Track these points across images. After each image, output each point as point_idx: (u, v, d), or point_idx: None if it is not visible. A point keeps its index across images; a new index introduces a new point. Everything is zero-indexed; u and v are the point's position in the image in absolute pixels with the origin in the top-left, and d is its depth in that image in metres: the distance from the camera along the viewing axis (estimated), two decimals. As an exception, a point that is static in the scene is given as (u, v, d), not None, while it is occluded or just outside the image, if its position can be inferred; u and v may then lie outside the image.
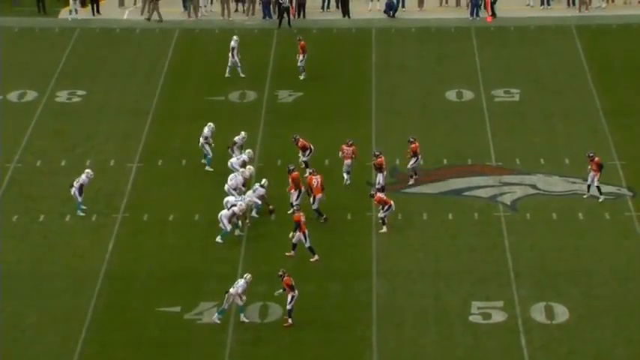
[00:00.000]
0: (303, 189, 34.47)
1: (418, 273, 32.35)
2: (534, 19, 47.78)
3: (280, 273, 30.08)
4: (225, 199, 34.06)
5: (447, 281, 31.92)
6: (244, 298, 30.14)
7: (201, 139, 37.05)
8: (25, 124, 40.52)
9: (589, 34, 46.46)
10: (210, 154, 36.98)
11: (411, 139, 36.32)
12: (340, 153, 36.19)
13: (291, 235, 33.05)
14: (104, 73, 44.35)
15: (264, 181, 34.76)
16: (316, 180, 34.31)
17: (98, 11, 48.57)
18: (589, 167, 35.09)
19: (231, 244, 33.63)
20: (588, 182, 35.17)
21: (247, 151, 36.47)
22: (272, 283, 31.23)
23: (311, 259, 32.70)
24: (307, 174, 35.16)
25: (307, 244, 32.70)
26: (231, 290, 30.07)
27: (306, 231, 32.66)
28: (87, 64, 45.12)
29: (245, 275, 30.38)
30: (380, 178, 35.50)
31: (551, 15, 48.15)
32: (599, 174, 34.91)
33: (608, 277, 31.94)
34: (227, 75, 42.83)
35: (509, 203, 35.48)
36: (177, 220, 34.92)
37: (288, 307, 29.88)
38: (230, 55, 42.66)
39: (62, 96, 42.76)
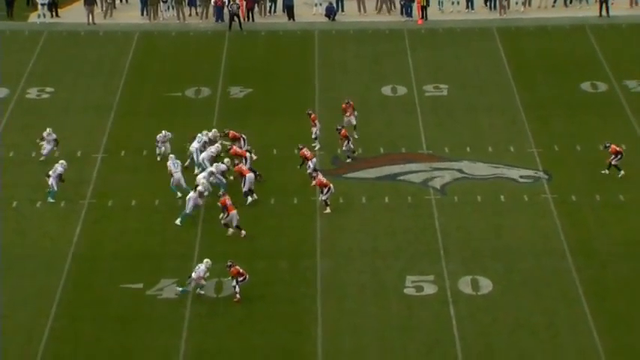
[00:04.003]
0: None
1: (358, 251, 32.41)
2: (460, 22, 47.97)
3: (229, 264, 29.88)
4: (198, 178, 34.11)
5: (384, 258, 32.01)
6: (204, 280, 29.94)
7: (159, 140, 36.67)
8: (-2, 119, 40.14)
9: (508, 35, 46.73)
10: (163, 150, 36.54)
11: (338, 128, 36.85)
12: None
13: (220, 216, 32.96)
14: (70, 72, 43.92)
15: (226, 160, 34.89)
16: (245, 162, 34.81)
17: (57, 14, 48.08)
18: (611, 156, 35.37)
19: (189, 227, 33.46)
20: (614, 162, 35.33)
21: (217, 145, 36.11)
22: (226, 262, 31.10)
23: (241, 235, 32.72)
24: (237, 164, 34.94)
25: (234, 224, 32.63)
26: (193, 275, 29.87)
27: (234, 211, 32.54)
28: (54, 63, 44.66)
29: (205, 260, 30.15)
30: (311, 164, 35.29)
31: (474, 18, 48.36)
32: (614, 157, 35.19)
33: (527, 253, 32.19)
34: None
35: (439, 187, 35.64)
36: (139, 206, 34.69)
37: (235, 284, 29.75)
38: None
39: (32, 93, 42.28)
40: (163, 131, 36.77)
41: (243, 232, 32.75)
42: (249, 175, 34.45)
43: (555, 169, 36.41)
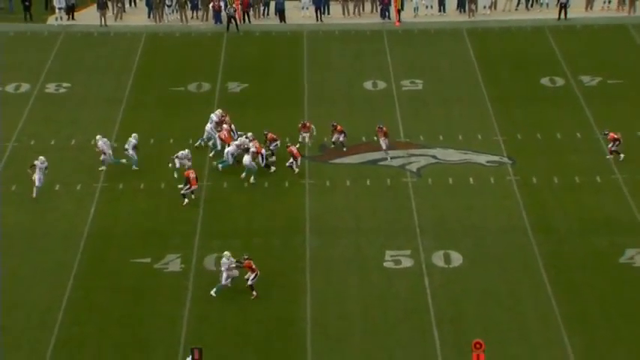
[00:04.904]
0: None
1: (343, 229, 32.33)
2: (433, 24, 47.80)
3: (245, 257, 29.09)
4: (227, 149, 34.67)
5: (366, 235, 31.95)
6: (235, 271, 29.00)
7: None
8: (20, 111, 39.77)
9: (476, 35, 46.61)
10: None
11: (334, 124, 36.53)
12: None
13: (180, 186, 33.26)
14: (85, 69, 43.64)
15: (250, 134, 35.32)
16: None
17: (73, 18, 47.87)
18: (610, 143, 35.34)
19: (192, 207, 33.33)
20: (613, 148, 35.31)
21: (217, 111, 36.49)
22: (225, 239, 31.19)
23: (183, 204, 32.93)
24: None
25: (183, 191, 32.89)
26: (222, 268, 28.93)
27: (195, 186, 32.81)
28: (71, 61, 44.36)
29: (224, 253, 29.05)
30: (278, 144, 35.49)
31: (446, 20, 48.21)
32: (613, 144, 35.19)
33: (493, 230, 32.17)
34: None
35: (415, 170, 35.57)
36: (147, 189, 34.52)
37: (250, 282, 28.86)
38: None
39: (51, 88, 42.00)
40: (187, 150, 34.69)
41: (187, 200, 33.08)
42: (262, 151, 34.72)
43: (518, 155, 36.37)
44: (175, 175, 34.28)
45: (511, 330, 27.86)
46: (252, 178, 34.09)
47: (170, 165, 34.53)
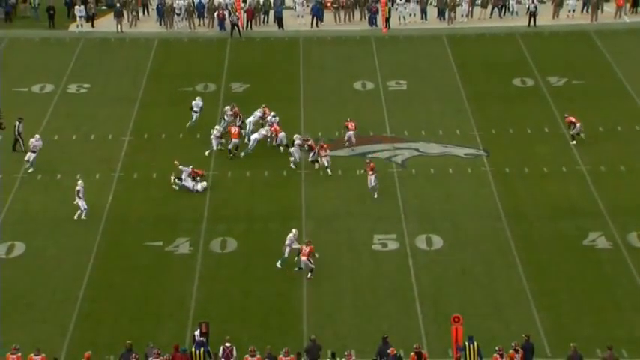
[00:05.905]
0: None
1: (335, 215, 32.22)
2: (416, 30, 47.63)
3: (306, 240, 28.86)
4: (252, 136, 35.14)
5: (356, 220, 31.84)
6: (292, 246, 28.80)
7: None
8: (45, 109, 39.53)
9: (455, 41, 46.45)
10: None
11: (348, 120, 36.32)
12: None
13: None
14: (103, 71, 43.39)
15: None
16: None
17: (93, 25, 47.64)
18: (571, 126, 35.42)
19: (199, 195, 33.19)
20: (572, 132, 35.42)
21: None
22: (229, 224, 31.07)
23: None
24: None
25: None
26: (287, 242, 28.96)
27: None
28: (90, 64, 44.09)
29: (292, 230, 29.23)
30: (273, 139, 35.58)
31: (428, 27, 48.05)
32: (574, 126, 35.31)
33: (470, 216, 32.09)
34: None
35: (400, 162, 35.47)
36: (159, 179, 34.35)
37: (312, 265, 28.57)
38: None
39: (72, 88, 41.76)
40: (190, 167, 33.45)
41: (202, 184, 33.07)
42: (281, 134, 35.09)
43: (492, 148, 36.27)
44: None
45: (486, 305, 27.83)
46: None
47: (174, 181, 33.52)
